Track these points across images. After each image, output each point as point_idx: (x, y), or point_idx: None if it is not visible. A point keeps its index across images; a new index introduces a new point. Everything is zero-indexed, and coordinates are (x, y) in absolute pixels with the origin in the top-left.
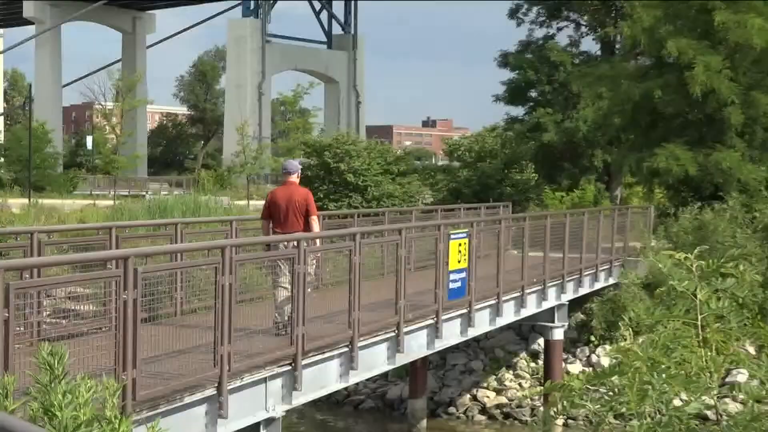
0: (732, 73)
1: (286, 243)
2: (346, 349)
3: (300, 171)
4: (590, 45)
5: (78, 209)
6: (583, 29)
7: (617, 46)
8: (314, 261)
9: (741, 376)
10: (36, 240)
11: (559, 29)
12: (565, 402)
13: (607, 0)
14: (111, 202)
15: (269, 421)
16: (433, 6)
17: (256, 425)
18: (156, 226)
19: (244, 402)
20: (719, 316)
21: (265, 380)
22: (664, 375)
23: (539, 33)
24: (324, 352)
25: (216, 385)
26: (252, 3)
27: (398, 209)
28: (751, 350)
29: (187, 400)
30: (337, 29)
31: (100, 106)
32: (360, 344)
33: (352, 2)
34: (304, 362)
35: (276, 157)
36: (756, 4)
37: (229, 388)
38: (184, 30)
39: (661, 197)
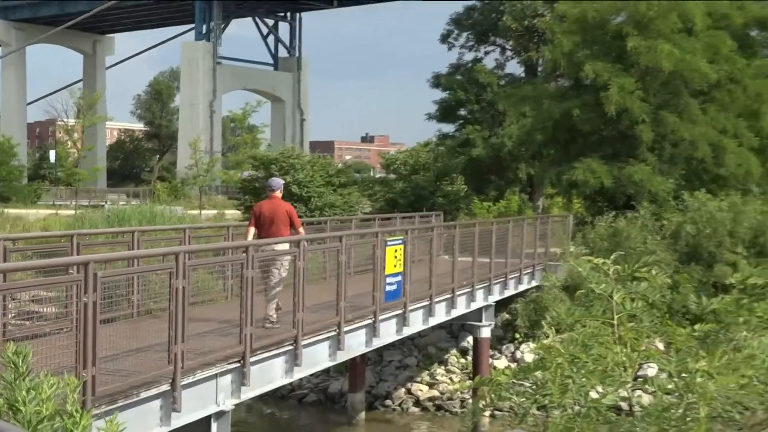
0: (643, 94)
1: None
2: (291, 347)
3: (282, 187)
4: (515, 68)
5: (41, 218)
6: (509, 53)
7: (539, 69)
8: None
9: (651, 370)
10: (2, 247)
11: (487, 53)
12: (492, 395)
13: (530, 27)
14: (72, 212)
15: (219, 415)
16: (372, 31)
17: (207, 418)
18: (115, 234)
19: (196, 397)
20: (633, 315)
21: (215, 376)
22: (583, 370)
23: (468, 56)
24: (271, 350)
25: (170, 381)
26: (204, 27)
27: (339, 218)
28: (661, 347)
29: (144, 395)
30: (283, 52)
31: (63, 123)
32: (304, 343)
33: (297, 27)
34: (252, 359)
35: (226, 170)
36: (664, 30)
37: (182, 383)
38: (142, 52)
39: (579, 207)
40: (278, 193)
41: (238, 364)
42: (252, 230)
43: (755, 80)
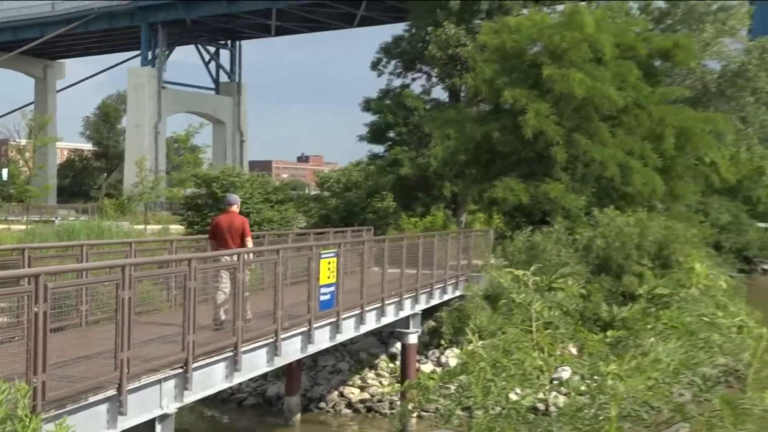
0: (557, 118)
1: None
2: (231, 353)
3: (239, 203)
4: (440, 93)
5: None
6: (434, 80)
7: (462, 95)
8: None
9: (566, 373)
10: None
11: (414, 79)
12: (420, 397)
13: (453, 56)
14: (24, 227)
15: (163, 417)
16: (308, 57)
17: (152, 421)
18: (64, 248)
19: (141, 401)
20: (549, 323)
21: (160, 381)
22: (504, 374)
23: (397, 82)
24: (212, 356)
25: (116, 386)
26: (149, 54)
27: (276, 233)
28: (574, 351)
29: (92, 399)
30: (224, 77)
31: (15, 143)
32: (243, 349)
33: (237, 54)
34: (194, 365)
35: (170, 187)
36: (576, 60)
37: (128, 388)
38: (91, 77)
39: (499, 222)
40: (235, 208)
41: (181, 370)
42: (211, 243)
43: (659, 106)
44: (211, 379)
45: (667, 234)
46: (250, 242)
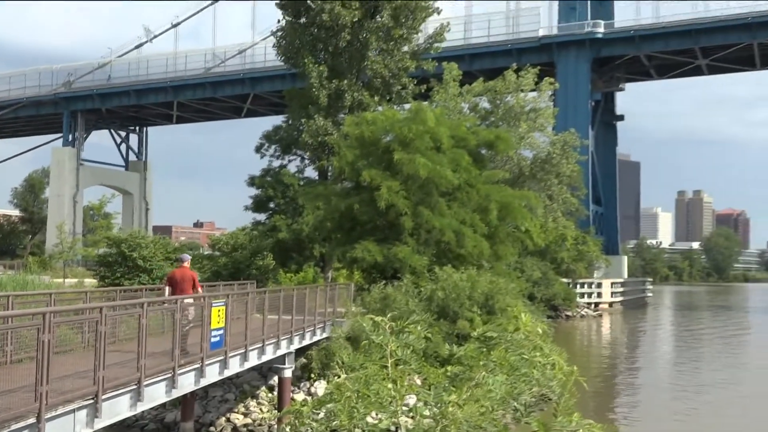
0: (405, 194)
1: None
2: (135, 386)
3: (189, 260)
4: (311, 172)
5: None
6: (306, 161)
7: (329, 174)
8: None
9: (412, 399)
10: None
11: (290, 161)
12: (296, 422)
13: (322, 142)
14: None
15: None
16: (205, 140)
17: None
18: None
19: (57, 428)
20: (401, 359)
21: (74, 411)
22: (364, 401)
23: (276, 163)
24: (119, 389)
25: (36, 415)
26: (70, 136)
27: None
28: (419, 382)
29: (14, 427)
30: (132, 156)
31: None
32: (146, 382)
33: (144, 137)
34: (103, 397)
35: (85, 247)
36: (420, 147)
37: (46, 417)
38: (19, 154)
39: (359, 277)
40: (186, 264)
41: (92, 401)
42: (168, 289)
43: (485, 185)
44: (118, 408)
45: (492, 287)
46: (200, 290)
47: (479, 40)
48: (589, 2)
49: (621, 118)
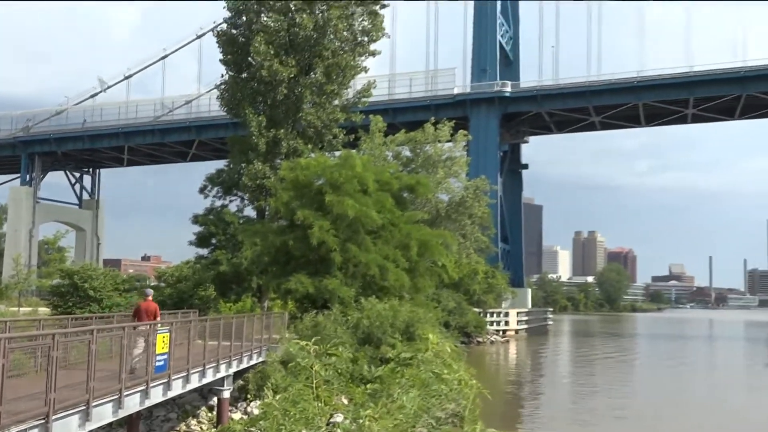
0: (335, 232)
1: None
2: (84, 407)
3: (152, 294)
4: (250, 212)
5: None
6: (246, 202)
7: (266, 213)
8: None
9: (339, 417)
10: None
11: (231, 201)
12: None
13: (261, 185)
14: None
15: None
16: (154, 181)
17: None
18: None
19: None
20: (327, 380)
21: (25, 431)
22: (292, 419)
23: (218, 203)
24: (69, 410)
25: None
26: (27, 176)
27: (124, 314)
28: (345, 401)
29: None
30: (86, 195)
31: None
32: (94, 403)
33: (97, 178)
34: (54, 417)
35: (40, 279)
36: (349, 190)
37: None
38: None
39: (292, 306)
40: (150, 297)
41: (43, 421)
42: (135, 319)
43: (406, 225)
44: (68, 427)
45: (412, 316)
46: (158, 318)
47: (402, 96)
48: (498, 65)
49: (525, 166)
